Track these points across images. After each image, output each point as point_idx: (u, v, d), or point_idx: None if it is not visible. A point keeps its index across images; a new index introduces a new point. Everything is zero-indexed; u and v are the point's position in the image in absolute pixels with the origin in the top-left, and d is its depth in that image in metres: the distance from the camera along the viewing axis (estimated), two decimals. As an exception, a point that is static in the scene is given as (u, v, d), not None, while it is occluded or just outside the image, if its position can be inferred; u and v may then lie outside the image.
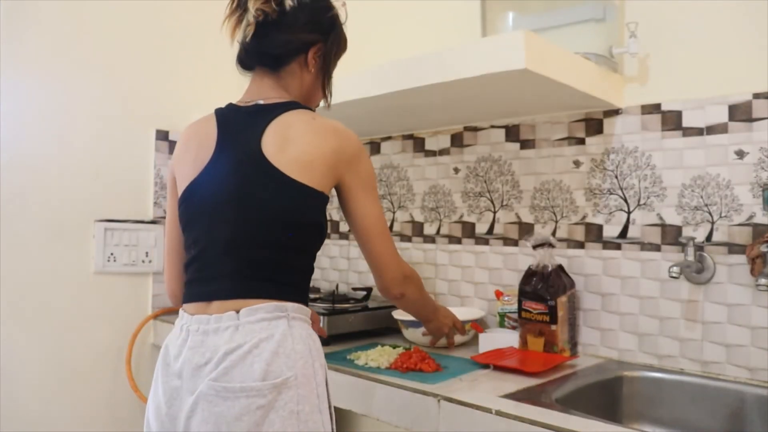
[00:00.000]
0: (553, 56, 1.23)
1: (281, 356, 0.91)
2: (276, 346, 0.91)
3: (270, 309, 0.95)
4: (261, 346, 0.91)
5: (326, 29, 1.12)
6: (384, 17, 1.94)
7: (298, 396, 0.90)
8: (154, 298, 1.98)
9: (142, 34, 1.97)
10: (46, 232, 1.78)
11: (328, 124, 1.06)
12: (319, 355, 0.98)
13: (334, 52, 1.15)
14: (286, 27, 1.06)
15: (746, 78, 1.28)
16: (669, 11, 1.39)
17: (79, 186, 1.84)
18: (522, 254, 1.61)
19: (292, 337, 0.94)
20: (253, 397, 0.89)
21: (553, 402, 1.08)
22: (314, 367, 0.94)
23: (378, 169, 1.99)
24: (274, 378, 0.89)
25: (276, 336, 0.92)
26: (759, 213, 1.26)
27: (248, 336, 0.92)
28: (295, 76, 1.11)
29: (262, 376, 0.89)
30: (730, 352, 1.28)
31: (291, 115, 1.05)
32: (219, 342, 0.93)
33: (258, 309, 0.95)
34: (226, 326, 0.94)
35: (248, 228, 0.99)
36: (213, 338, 0.94)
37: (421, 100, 1.47)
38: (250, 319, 0.94)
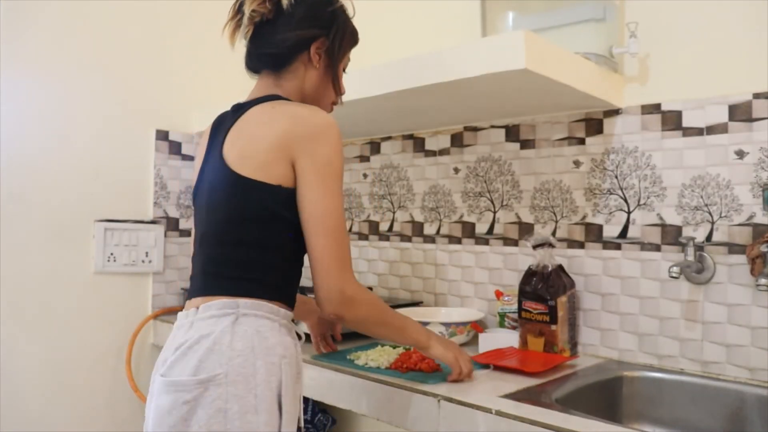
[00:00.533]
0: (553, 56, 1.23)
1: (215, 353, 0.90)
2: (212, 343, 0.91)
3: (220, 306, 0.95)
4: (200, 342, 0.92)
5: (327, 23, 1.08)
6: (384, 17, 1.94)
7: (228, 394, 0.88)
8: (154, 298, 1.98)
9: (142, 34, 1.97)
10: (46, 232, 1.78)
11: (287, 109, 1.00)
12: (269, 354, 0.93)
13: (339, 46, 1.11)
14: (282, 25, 1.05)
15: (746, 78, 1.28)
16: (669, 11, 1.39)
17: (79, 186, 1.84)
18: (522, 254, 1.61)
19: (232, 334, 0.92)
20: (180, 392, 0.89)
21: (553, 402, 1.08)
22: (255, 366, 0.91)
23: (378, 169, 1.99)
24: (204, 374, 0.89)
25: (215, 333, 0.92)
26: (759, 213, 1.26)
27: (196, 332, 0.94)
28: (297, 74, 1.08)
29: (192, 372, 0.90)
30: (730, 352, 1.28)
31: (255, 109, 1.03)
32: (179, 338, 0.96)
33: (211, 306, 0.96)
34: (186, 323, 0.98)
35: (212, 228, 1.02)
36: (177, 334, 0.98)
37: (421, 100, 1.47)
38: (202, 315, 0.96)
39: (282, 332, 0.97)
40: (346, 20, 1.12)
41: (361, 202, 2.04)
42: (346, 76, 1.20)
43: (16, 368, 1.72)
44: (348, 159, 2.09)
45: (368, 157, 2.02)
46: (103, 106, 1.89)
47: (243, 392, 0.89)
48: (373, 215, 2.00)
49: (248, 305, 0.95)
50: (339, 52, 1.11)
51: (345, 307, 0.98)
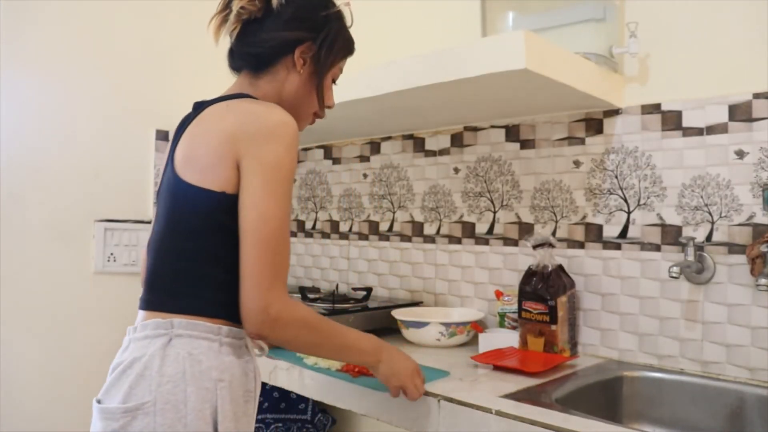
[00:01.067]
0: (553, 56, 1.23)
1: (145, 378, 0.84)
2: (142, 368, 0.85)
3: (154, 326, 0.88)
4: (133, 367, 0.86)
5: (316, 27, 1.01)
6: (384, 17, 1.94)
7: (155, 424, 0.82)
8: (154, 298, 1.98)
9: (142, 34, 1.97)
10: (46, 232, 1.78)
11: (241, 106, 0.93)
12: (202, 378, 0.85)
13: (328, 54, 1.03)
14: (269, 24, 0.99)
15: (746, 78, 1.28)
16: (669, 11, 1.39)
17: (79, 186, 1.84)
18: (522, 254, 1.61)
19: (163, 357, 0.85)
20: (108, 420, 0.84)
21: (553, 402, 1.08)
22: (185, 393, 0.83)
23: (378, 169, 1.99)
24: (132, 401, 0.83)
25: (146, 356, 0.86)
26: (759, 213, 1.26)
27: (131, 354, 0.88)
28: (277, 77, 1.01)
29: (122, 399, 0.84)
30: (730, 352, 1.28)
31: (211, 108, 0.96)
32: (116, 358, 0.92)
33: (147, 325, 0.89)
34: (125, 341, 0.92)
35: (156, 236, 0.96)
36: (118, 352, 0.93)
37: (421, 100, 1.47)
38: (138, 335, 0.90)
39: (222, 352, 0.89)
40: (340, 28, 1.05)
41: (361, 202, 2.04)
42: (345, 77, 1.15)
43: (16, 368, 1.72)
44: (348, 159, 2.09)
45: (368, 157, 2.02)
46: (103, 106, 1.89)
47: (171, 422, 0.82)
48: (373, 215, 2.00)
49: (183, 325, 0.87)
50: (327, 60, 1.03)
51: (267, 328, 0.87)
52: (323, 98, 1.06)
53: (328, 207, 2.16)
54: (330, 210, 2.15)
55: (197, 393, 0.84)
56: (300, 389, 1.39)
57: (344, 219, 2.10)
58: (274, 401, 1.90)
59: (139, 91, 1.97)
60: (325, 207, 2.17)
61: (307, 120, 1.09)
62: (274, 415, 1.89)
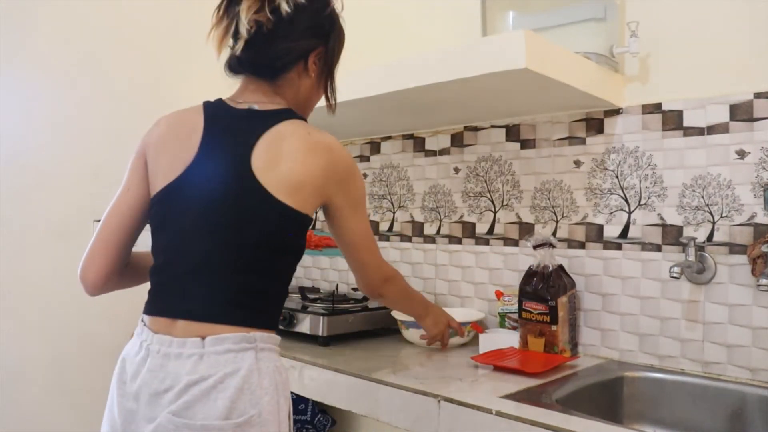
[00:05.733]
0: (554, 56, 1.23)
1: (246, 393, 0.86)
2: (242, 382, 0.87)
3: (237, 339, 0.89)
4: (226, 382, 0.86)
5: (327, 30, 1.05)
6: (384, 17, 1.94)
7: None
8: (154, 298, 1.97)
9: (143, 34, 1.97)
10: (46, 232, 1.78)
11: (323, 141, 0.98)
12: (285, 389, 0.93)
13: (334, 53, 1.08)
14: (282, 36, 0.99)
15: (747, 78, 1.27)
16: (670, 11, 1.38)
17: (79, 186, 1.84)
18: (522, 254, 1.61)
19: (259, 371, 0.89)
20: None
21: (554, 402, 1.08)
22: (279, 403, 0.90)
23: (378, 169, 1.99)
24: (237, 416, 0.85)
25: (242, 370, 0.87)
26: (760, 213, 1.26)
27: (213, 368, 0.87)
28: (292, 83, 1.04)
29: (225, 414, 0.85)
30: (731, 353, 1.28)
31: (286, 127, 0.97)
32: (181, 370, 0.88)
33: (225, 339, 0.89)
34: (190, 353, 0.89)
35: (225, 248, 0.93)
36: (175, 364, 0.89)
37: (421, 100, 1.47)
38: (216, 348, 0.88)
39: (282, 361, 0.97)
40: (339, 24, 1.10)
41: (362, 202, 2.04)
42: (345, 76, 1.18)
43: (16, 368, 1.72)
44: (348, 159, 2.09)
45: (368, 157, 2.02)
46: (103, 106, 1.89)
47: (274, 430, 0.89)
48: (373, 215, 2.00)
49: (264, 339, 0.92)
50: (335, 58, 1.09)
51: (386, 287, 1.17)
52: (335, 96, 1.13)
53: (328, 207, 2.15)
54: (330, 210, 2.15)
55: (285, 403, 0.93)
56: (300, 389, 1.39)
57: (344, 219, 2.09)
58: (274, 401, 1.89)
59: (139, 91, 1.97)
60: (325, 207, 2.17)
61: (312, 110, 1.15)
62: (274, 415, 1.88)
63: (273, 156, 0.94)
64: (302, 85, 1.05)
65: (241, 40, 0.97)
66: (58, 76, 1.81)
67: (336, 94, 1.13)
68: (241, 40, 0.97)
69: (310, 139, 0.97)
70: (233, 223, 0.93)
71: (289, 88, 1.04)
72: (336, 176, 0.99)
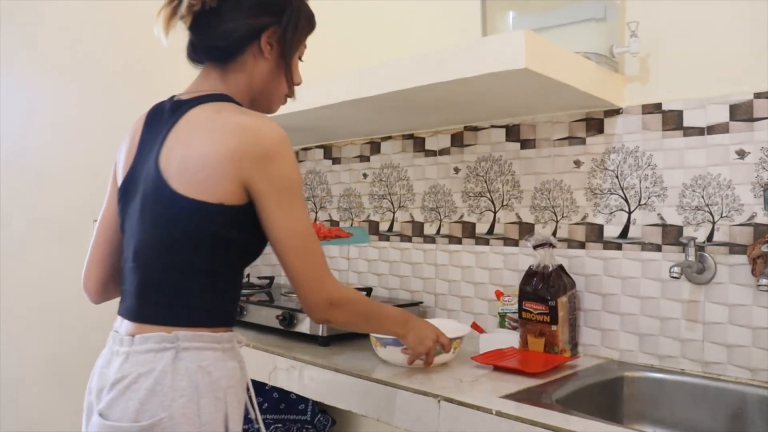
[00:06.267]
0: (554, 56, 1.23)
1: (158, 394, 0.84)
2: (153, 383, 0.84)
3: (158, 339, 0.88)
4: (140, 382, 0.85)
5: (278, 9, 0.98)
6: (384, 17, 1.94)
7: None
8: (154, 298, 1.97)
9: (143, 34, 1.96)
10: (46, 232, 1.78)
11: (232, 119, 0.91)
12: (213, 389, 0.87)
13: (293, 34, 1.00)
14: (228, 14, 0.95)
15: (747, 77, 1.27)
16: (670, 11, 1.38)
17: (79, 186, 1.84)
18: (522, 254, 1.61)
19: (174, 372, 0.85)
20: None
21: (554, 402, 1.08)
22: (199, 405, 0.85)
23: (378, 169, 1.99)
24: (147, 419, 0.83)
25: (155, 371, 0.85)
26: (760, 213, 1.26)
27: (133, 368, 0.87)
28: (246, 67, 0.99)
29: (134, 417, 0.83)
30: (731, 353, 1.28)
31: (197, 111, 0.93)
32: (113, 368, 0.89)
33: (148, 338, 0.88)
34: (123, 352, 0.90)
35: (147, 247, 0.93)
36: (113, 362, 0.91)
37: (421, 100, 1.47)
38: (139, 348, 0.88)
39: (226, 358, 0.92)
40: (301, 4, 1.02)
41: (361, 202, 2.04)
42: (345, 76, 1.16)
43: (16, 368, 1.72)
44: (348, 159, 2.09)
45: (368, 157, 2.02)
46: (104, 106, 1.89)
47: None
48: (373, 215, 2.00)
49: (188, 337, 0.88)
50: (293, 40, 1.01)
51: (331, 313, 0.97)
52: (292, 79, 1.04)
53: (328, 207, 2.16)
54: (330, 210, 2.15)
55: (210, 404, 0.86)
56: (300, 389, 1.39)
57: (344, 219, 2.10)
58: (274, 402, 1.89)
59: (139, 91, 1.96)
60: (324, 207, 2.17)
61: (279, 102, 1.07)
62: (273, 415, 1.88)
63: (176, 146, 0.91)
64: (258, 69, 0.99)
65: (184, 19, 0.94)
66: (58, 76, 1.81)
67: (297, 79, 1.05)
68: (184, 20, 0.94)
69: (217, 120, 0.91)
70: (151, 223, 0.92)
71: (242, 72, 0.99)
72: (251, 156, 0.88)
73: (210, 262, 0.92)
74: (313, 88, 1.57)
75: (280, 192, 0.90)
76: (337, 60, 2.03)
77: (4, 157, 1.71)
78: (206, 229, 0.90)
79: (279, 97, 1.06)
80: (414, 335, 1.16)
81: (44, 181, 1.78)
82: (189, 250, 0.90)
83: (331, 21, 2.15)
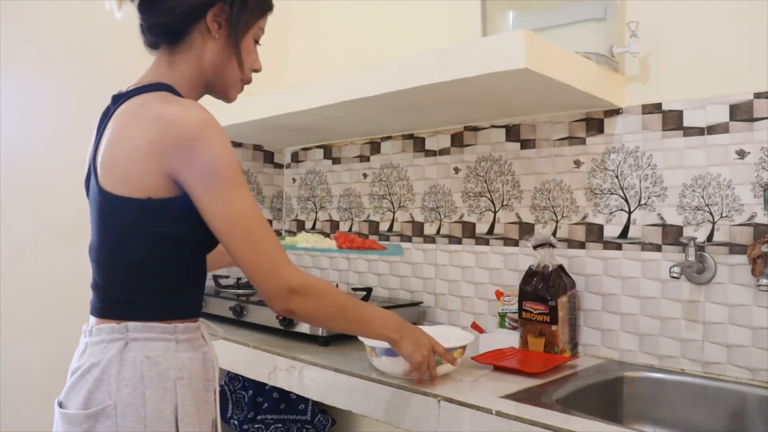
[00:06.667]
0: (554, 56, 1.23)
1: (104, 383, 0.86)
2: (101, 373, 0.86)
3: (109, 330, 0.89)
4: (91, 371, 0.87)
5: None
6: (384, 17, 1.94)
7: (117, 426, 0.84)
8: (154, 298, 1.97)
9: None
10: (47, 232, 1.78)
11: (152, 110, 0.88)
12: (161, 380, 0.87)
13: (240, 13, 0.96)
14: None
15: (747, 77, 1.27)
16: (670, 11, 1.38)
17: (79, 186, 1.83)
18: (522, 254, 1.61)
19: (120, 362, 0.87)
20: (71, 425, 0.86)
21: (554, 402, 1.08)
22: (144, 396, 0.85)
23: (378, 169, 1.99)
24: (93, 406, 0.85)
25: (103, 361, 0.87)
26: (760, 213, 1.26)
27: (88, 358, 0.89)
28: (193, 48, 0.95)
29: (82, 404, 0.86)
30: (732, 353, 1.28)
31: (128, 104, 0.91)
32: (74, 360, 0.93)
33: (101, 330, 0.90)
34: (82, 343, 0.93)
35: (95, 246, 0.94)
36: (76, 354, 0.94)
37: (421, 100, 1.47)
38: (94, 339, 0.90)
39: (180, 350, 0.91)
40: None
41: (361, 202, 2.04)
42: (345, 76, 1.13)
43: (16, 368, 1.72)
44: (348, 159, 2.09)
45: (368, 157, 2.02)
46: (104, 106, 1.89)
47: (132, 423, 0.85)
48: (373, 215, 2.00)
49: (138, 328, 0.89)
50: (243, 19, 0.96)
51: (294, 302, 0.91)
52: (242, 61, 0.99)
53: (327, 207, 2.16)
54: (330, 210, 2.15)
55: (156, 394, 0.86)
56: (300, 389, 1.39)
57: (344, 219, 2.10)
58: (274, 402, 1.89)
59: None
60: (324, 207, 2.17)
61: (236, 87, 1.03)
62: (273, 415, 1.88)
63: (105, 142, 0.91)
64: (207, 50, 0.96)
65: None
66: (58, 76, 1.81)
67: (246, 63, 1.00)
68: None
69: (138, 111, 0.89)
70: (95, 221, 0.93)
71: (190, 53, 0.96)
72: (171, 146, 0.85)
73: (151, 258, 0.90)
74: (313, 88, 1.57)
75: (210, 180, 0.86)
76: (337, 60, 2.03)
77: (4, 158, 1.71)
78: (138, 225, 0.88)
79: (233, 82, 1.01)
80: (409, 342, 1.06)
81: (44, 181, 1.78)
82: (127, 247, 0.90)
83: (331, 21, 2.16)
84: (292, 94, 1.62)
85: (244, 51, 0.99)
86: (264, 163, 2.28)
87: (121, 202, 0.88)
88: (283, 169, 2.34)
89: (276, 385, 1.46)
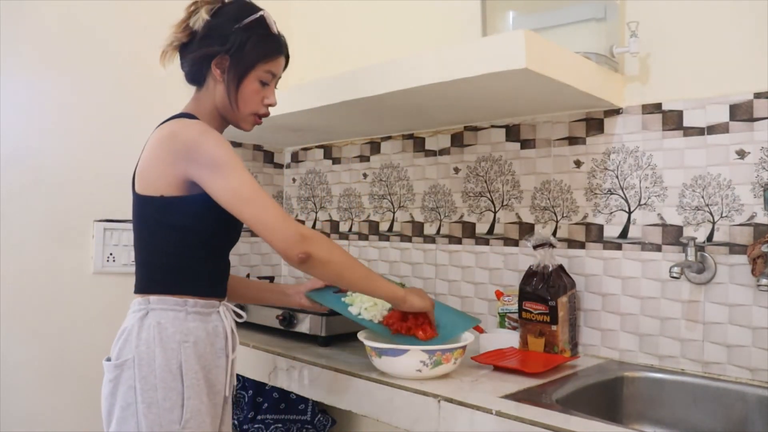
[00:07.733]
0: (554, 56, 1.23)
1: (129, 342, 1.10)
2: (127, 334, 1.11)
3: (138, 303, 1.14)
4: (123, 333, 1.12)
5: (226, 39, 1.14)
6: (384, 17, 1.94)
7: (136, 374, 1.07)
8: (154, 298, 1.97)
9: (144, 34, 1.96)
10: (46, 231, 1.78)
11: (167, 128, 1.12)
12: (167, 341, 1.08)
13: (239, 61, 1.15)
14: (192, 46, 1.17)
15: (747, 77, 1.27)
16: (670, 11, 1.38)
17: (79, 186, 1.84)
18: (522, 254, 1.61)
19: (140, 326, 1.10)
20: (109, 372, 1.11)
21: (554, 402, 1.08)
22: (155, 353, 1.07)
23: (378, 169, 1.99)
24: (120, 359, 1.09)
25: (130, 326, 1.11)
26: (760, 213, 1.26)
27: (125, 324, 1.14)
28: (209, 89, 1.18)
29: (115, 356, 1.11)
30: (731, 353, 1.28)
31: (159, 128, 1.15)
32: None
33: (135, 302, 1.15)
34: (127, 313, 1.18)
35: (137, 237, 1.18)
36: None
37: (421, 100, 1.47)
38: (131, 310, 1.16)
39: (188, 320, 1.12)
40: (251, 35, 1.15)
41: (361, 202, 2.04)
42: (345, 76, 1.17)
43: (15, 368, 1.72)
44: (348, 159, 2.09)
45: (368, 157, 2.02)
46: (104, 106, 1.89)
47: (146, 373, 1.07)
48: (373, 215, 2.00)
49: (156, 301, 1.12)
50: (241, 66, 1.15)
51: (309, 245, 1.06)
52: (237, 104, 1.17)
53: (327, 207, 2.16)
54: (330, 210, 2.15)
55: (163, 353, 1.08)
56: (300, 389, 1.39)
57: (344, 219, 2.10)
58: (274, 401, 1.89)
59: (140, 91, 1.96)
60: (324, 207, 2.17)
61: (246, 121, 1.21)
62: (273, 415, 1.88)
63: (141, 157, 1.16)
64: (217, 91, 1.18)
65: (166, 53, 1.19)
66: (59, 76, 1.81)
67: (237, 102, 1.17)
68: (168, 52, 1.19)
69: (159, 132, 1.14)
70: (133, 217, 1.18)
71: (208, 93, 1.19)
72: (181, 154, 1.08)
73: (165, 244, 1.13)
74: (313, 88, 1.57)
75: (214, 167, 1.06)
76: (337, 60, 2.03)
77: (4, 157, 1.71)
78: (154, 218, 1.13)
79: (241, 117, 1.20)
80: (414, 296, 1.20)
81: (44, 181, 1.77)
82: (149, 235, 1.15)
83: (331, 21, 2.16)
84: (292, 94, 1.62)
85: (245, 93, 1.17)
86: (264, 163, 2.28)
87: (143, 200, 1.13)
88: (283, 169, 2.34)
89: (276, 385, 1.46)
